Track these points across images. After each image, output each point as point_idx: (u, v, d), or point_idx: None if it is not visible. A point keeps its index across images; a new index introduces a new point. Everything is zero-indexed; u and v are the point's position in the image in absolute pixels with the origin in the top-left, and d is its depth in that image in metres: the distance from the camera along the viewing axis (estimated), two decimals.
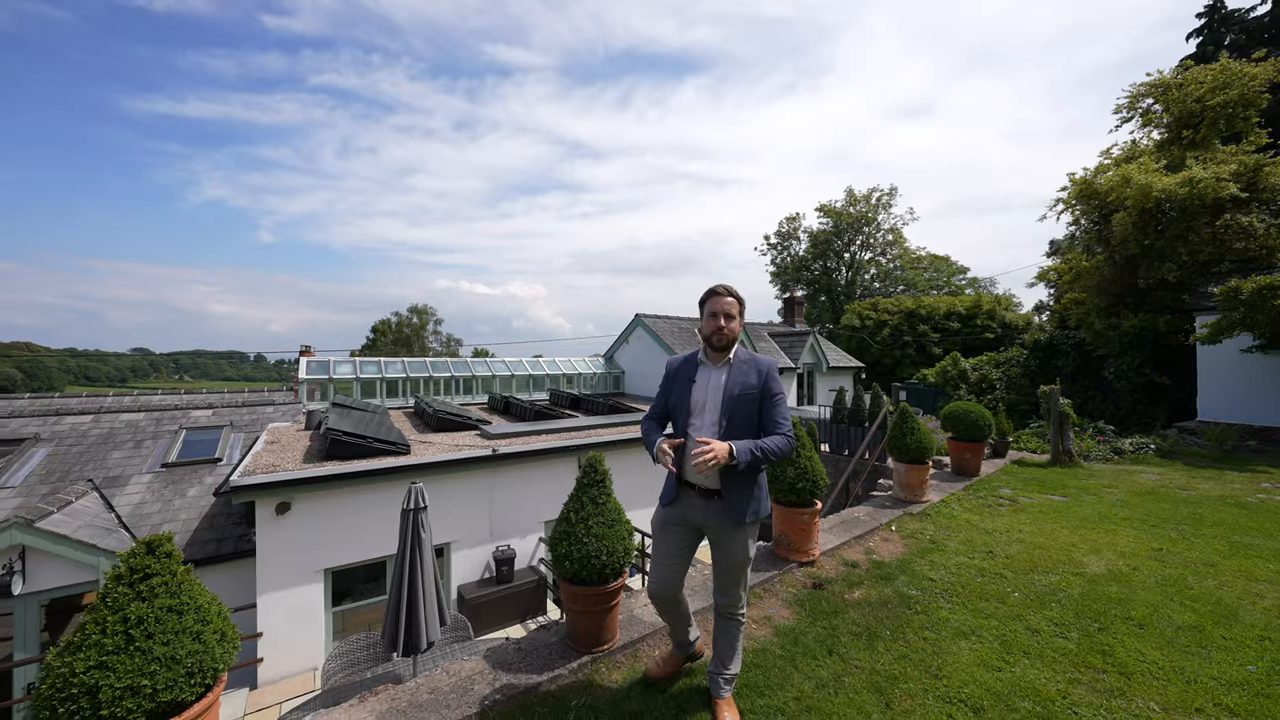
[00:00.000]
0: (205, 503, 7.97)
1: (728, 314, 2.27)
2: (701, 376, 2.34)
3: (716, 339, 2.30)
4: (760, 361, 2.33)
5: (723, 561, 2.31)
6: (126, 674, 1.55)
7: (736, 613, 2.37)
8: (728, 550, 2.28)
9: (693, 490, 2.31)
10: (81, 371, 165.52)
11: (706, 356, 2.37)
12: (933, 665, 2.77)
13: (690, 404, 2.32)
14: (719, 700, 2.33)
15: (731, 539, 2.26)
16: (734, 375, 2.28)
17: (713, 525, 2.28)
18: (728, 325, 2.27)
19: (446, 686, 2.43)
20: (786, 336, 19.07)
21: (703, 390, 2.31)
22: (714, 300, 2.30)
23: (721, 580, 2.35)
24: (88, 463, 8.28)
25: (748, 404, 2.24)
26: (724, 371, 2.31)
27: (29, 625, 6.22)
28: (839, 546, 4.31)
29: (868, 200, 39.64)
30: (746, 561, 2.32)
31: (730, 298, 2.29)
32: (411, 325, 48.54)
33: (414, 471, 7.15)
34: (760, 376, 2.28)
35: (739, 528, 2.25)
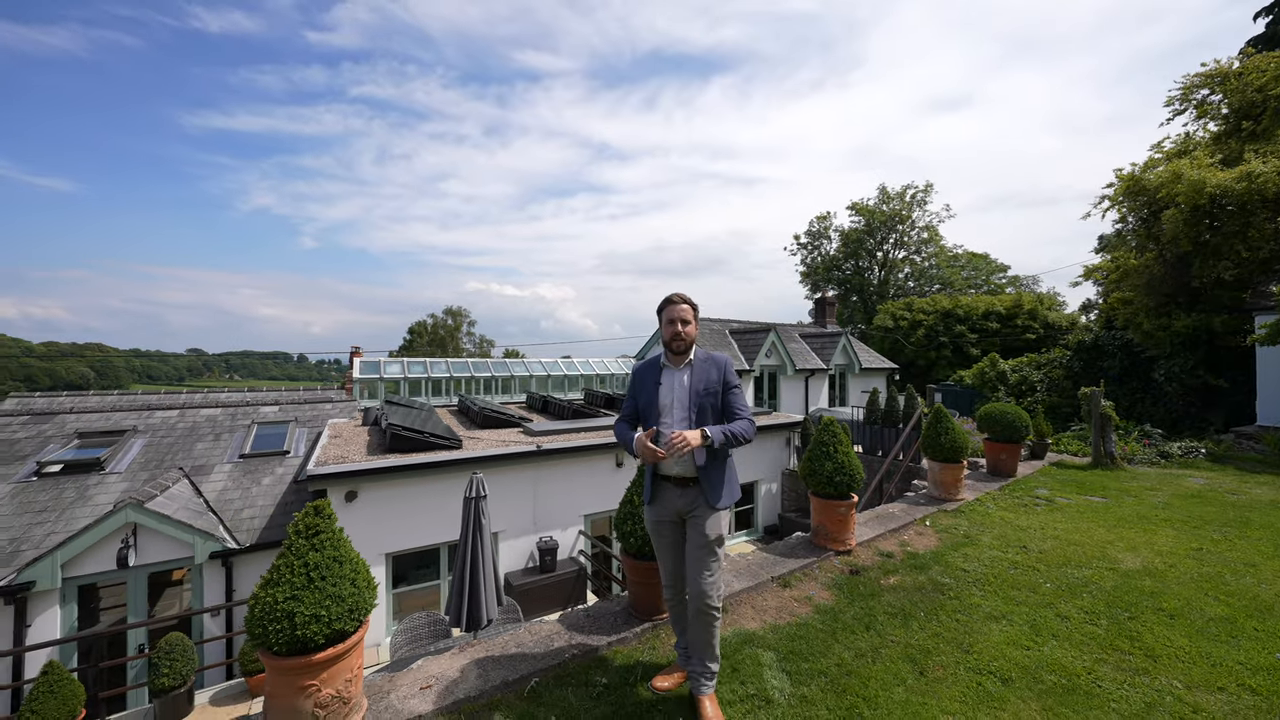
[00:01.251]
0: (278, 490, 8.72)
1: (683, 319, 2.45)
2: (666, 379, 2.49)
3: (676, 343, 2.47)
4: (717, 359, 2.50)
5: (694, 539, 2.39)
6: (311, 605, 1.99)
7: (709, 604, 2.35)
8: (699, 529, 2.37)
9: (670, 482, 2.46)
10: (144, 371, 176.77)
11: (668, 360, 2.53)
12: (964, 642, 3.01)
13: (659, 405, 2.47)
14: (700, 697, 2.36)
15: (705, 520, 2.38)
16: (696, 374, 2.45)
17: (690, 511, 2.41)
18: (684, 329, 2.45)
19: (530, 642, 2.83)
20: (818, 338, 19.04)
21: (669, 391, 2.47)
22: (670, 309, 2.47)
23: (692, 565, 2.38)
24: (177, 453, 9.18)
25: (712, 398, 2.43)
26: (686, 372, 2.47)
27: (139, 594, 7.03)
28: (874, 538, 4.54)
29: (901, 198, 38.85)
30: (719, 540, 2.40)
31: (685, 304, 2.47)
32: (446, 327, 50.21)
33: (465, 465, 7.68)
34: (719, 372, 2.47)
35: (714, 512, 2.39)
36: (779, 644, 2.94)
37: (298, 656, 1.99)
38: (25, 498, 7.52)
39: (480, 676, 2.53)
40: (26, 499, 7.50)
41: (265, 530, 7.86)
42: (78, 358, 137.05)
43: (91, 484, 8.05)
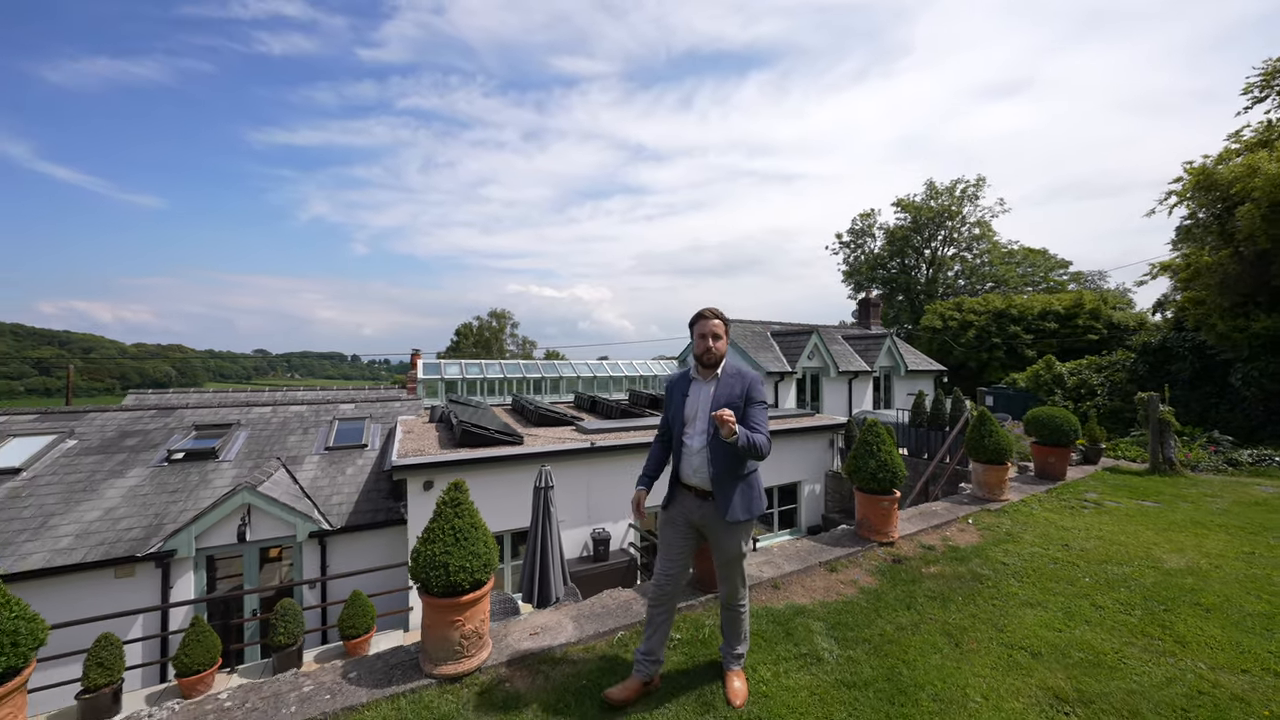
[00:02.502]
0: (360, 479, 9.73)
1: (715, 334, 2.52)
2: (693, 391, 2.59)
3: (706, 357, 2.54)
4: (745, 374, 2.55)
5: (718, 556, 2.57)
6: (459, 558, 2.60)
7: (737, 604, 2.59)
8: (720, 545, 2.53)
9: (689, 492, 2.57)
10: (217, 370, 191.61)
11: (698, 373, 2.61)
12: (998, 622, 3.33)
13: (684, 415, 2.58)
14: (729, 671, 2.63)
15: (724, 535, 2.49)
16: (721, 388, 2.52)
17: (708, 524, 2.52)
18: (715, 345, 2.52)
19: (613, 604, 3.38)
20: (862, 339, 18.91)
21: (694, 403, 2.57)
22: (702, 323, 2.55)
23: (720, 572, 2.59)
24: (274, 444, 10.37)
25: (733, 409, 2.44)
26: (713, 385, 2.54)
27: (252, 565, 8.12)
28: (917, 533, 4.84)
29: (951, 192, 37.50)
30: (739, 556, 2.53)
31: (716, 320, 2.54)
32: (491, 328, 52.26)
33: (526, 460, 8.38)
34: (744, 387, 2.51)
35: (731, 526, 2.47)
36: (827, 616, 3.36)
37: (450, 598, 2.60)
38: (161, 480, 8.79)
39: (576, 628, 3.09)
40: (162, 480, 8.77)
41: (352, 514, 8.83)
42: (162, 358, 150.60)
43: (209, 469, 9.28)
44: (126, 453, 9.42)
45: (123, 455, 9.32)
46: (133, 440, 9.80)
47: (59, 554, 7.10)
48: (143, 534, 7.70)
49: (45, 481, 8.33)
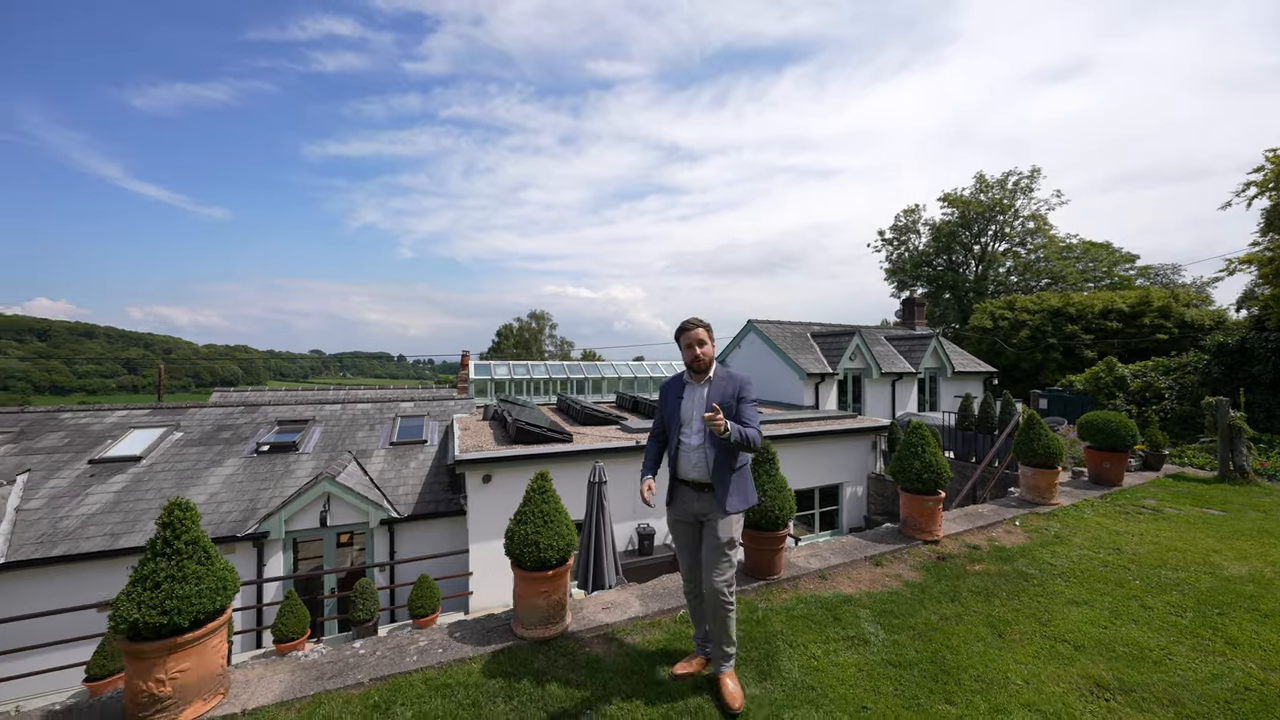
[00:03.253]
0: (422, 473, 10.50)
1: (700, 341, 2.71)
2: (687, 394, 2.79)
3: (695, 364, 2.74)
4: (735, 377, 2.75)
5: (708, 540, 2.66)
6: (547, 538, 3.02)
7: (722, 598, 2.61)
8: (713, 531, 2.64)
9: (687, 486, 2.72)
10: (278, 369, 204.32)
11: (690, 378, 2.82)
12: (1042, 617, 3.48)
13: (680, 417, 2.77)
14: (720, 675, 2.66)
15: (718, 522, 2.64)
16: (714, 390, 2.71)
17: (706, 513, 2.67)
18: (701, 351, 2.71)
19: (673, 586, 3.74)
20: (906, 340, 18.54)
21: (689, 405, 2.76)
22: (686, 334, 2.74)
23: (707, 564, 2.65)
24: (345, 438, 11.31)
25: (727, 410, 2.64)
26: (705, 388, 2.74)
27: (330, 548, 8.96)
28: (962, 533, 4.97)
29: (1002, 185, 35.87)
30: (730, 543, 2.64)
31: (699, 329, 2.73)
32: (530, 330, 53.73)
33: (576, 456, 8.86)
34: (735, 387, 2.71)
35: (726, 515, 2.63)
36: (872, 605, 3.60)
37: (540, 571, 3.02)
38: (252, 469, 9.80)
39: (642, 605, 3.47)
40: (253, 469, 9.78)
41: (417, 504, 9.57)
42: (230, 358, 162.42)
43: (291, 460, 10.25)
44: (222, 444, 10.53)
45: (220, 446, 10.43)
46: (226, 433, 10.93)
47: None
48: (240, 517, 8.65)
49: (161, 468, 9.46)
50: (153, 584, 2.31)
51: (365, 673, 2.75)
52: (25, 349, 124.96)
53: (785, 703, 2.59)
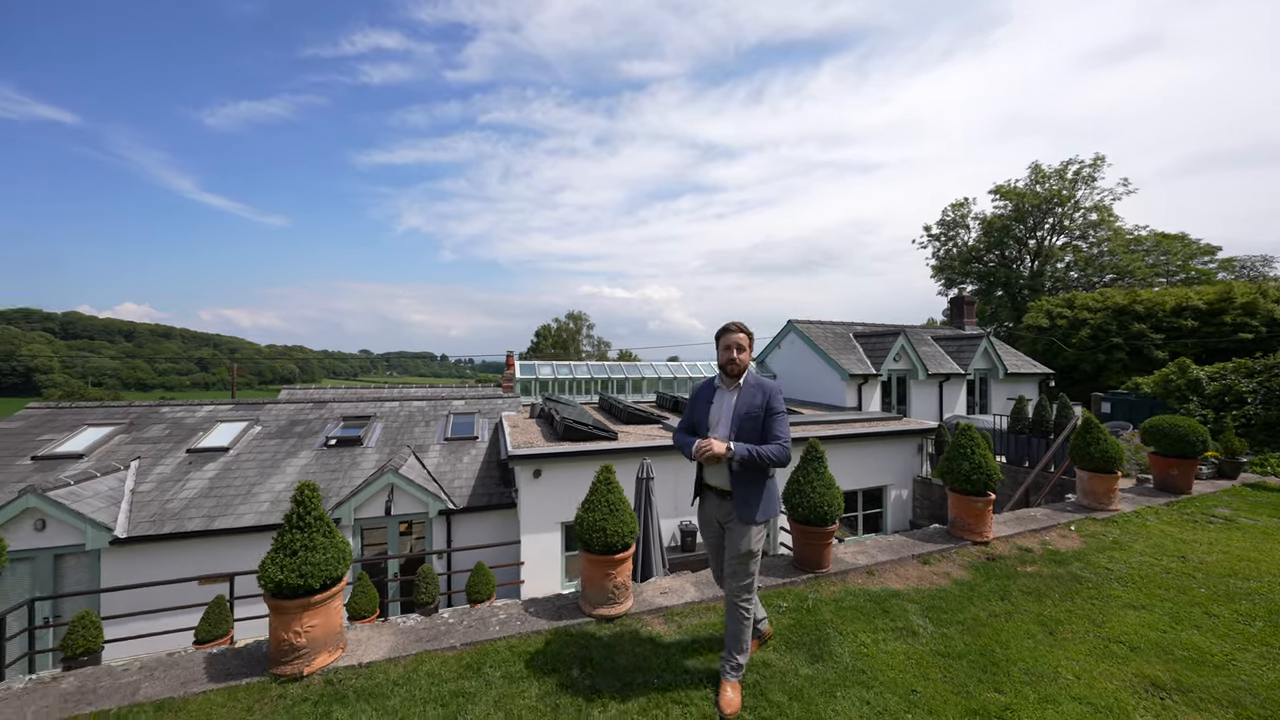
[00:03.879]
0: (474, 467, 11.09)
1: (739, 346, 2.70)
2: (717, 398, 2.78)
3: (730, 367, 2.72)
4: (765, 385, 2.73)
5: (729, 550, 2.70)
6: (613, 525, 3.32)
7: (738, 599, 2.66)
8: (733, 541, 2.67)
9: (712, 491, 2.79)
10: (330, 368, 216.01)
11: (721, 382, 2.82)
12: (1096, 618, 3.50)
13: (708, 420, 2.76)
14: (723, 681, 2.66)
15: (738, 532, 2.65)
16: (743, 397, 2.69)
17: (727, 521, 2.73)
18: (738, 356, 2.69)
19: None
20: (954, 340, 17.96)
21: (718, 409, 2.75)
22: (726, 336, 2.73)
23: (728, 571, 2.70)
24: (404, 434, 12.07)
25: (754, 420, 2.64)
26: (735, 394, 2.72)
27: (393, 535, 9.65)
28: (1013, 535, 4.95)
29: (1061, 175, 33.90)
30: (749, 554, 2.63)
31: (741, 334, 2.72)
32: (568, 330, 54.81)
33: (621, 454, 9.17)
34: (764, 397, 2.68)
35: (746, 525, 2.63)
36: (920, 600, 3.72)
37: (607, 555, 3.32)
38: (323, 460, 10.66)
39: (697, 591, 3.72)
40: (324, 461, 10.63)
41: (471, 497, 10.15)
42: (288, 357, 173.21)
43: (357, 453, 11.06)
44: (296, 438, 11.47)
45: (294, 439, 11.37)
46: (299, 428, 11.89)
47: (261, 515, 8.96)
48: None
49: (245, 458, 10.44)
50: (290, 551, 2.74)
51: (457, 638, 3.13)
52: (115, 349, 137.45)
53: (838, 682, 2.78)
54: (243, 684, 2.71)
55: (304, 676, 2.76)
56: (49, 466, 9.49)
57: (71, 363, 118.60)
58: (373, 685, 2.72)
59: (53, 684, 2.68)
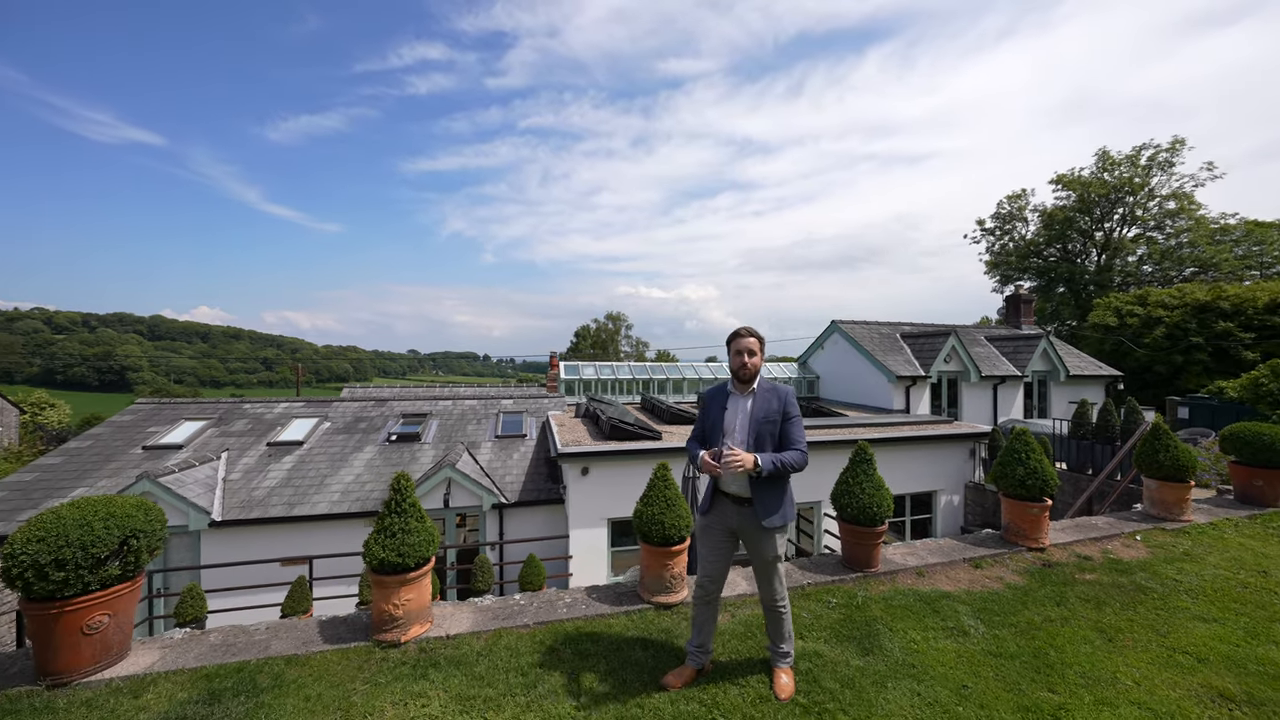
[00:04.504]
0: (524, 464, 11.60)
1: (750, 351, 2.68)
2: (731, 404, 2.75)
3: (742, 372, 2.71)
4: (779, 390, 2.72)
5: (755, 560, 2.74)
6: (670, 519, 3.55)
7: (776, 604, 2.75)
8: (758, 550, 2.70)
9: (727, 499, 2.74)
10: (381, 367, 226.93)
11: (734, 387, 2.79)
12: (1161, 629, 3.44)
13: (723, 427, 2.72)
14: (776, 669, 2.79)
15: (761, 540, 2.66)
16: (758, 402, 2.69)
17: (745, 529, 2.69)
18: (750, 360, 2.68)
19: None
20: (1010, 341, 17.17)
21: (733, 415, 2.72)
22: (738, 341, 2.72)
23: (759, 576, 2.76)
24: (457, 431, 12.76)
25: (771, 425, 2.64)
26: (749, 399, 2.72)
27: (450, 527, 10.27)
28: (1071, 543, 4.85)
29: (1133, 161, 31.53)
30: (776, 559, 2.69)
31: (752, 338, 2.71)
32: (607, 330, 55.54)
33: (667, 454, 9.39)
34: (780, 402, 2.68)
35: (767, 531, 2.63)
36: (972, 602, 3.75)
37: (665, 547, 3.56)
38: (386, 455, 11.44)
39: (749, 585, 3.90)
40: (387, 455, 11.41)
41: (522, 492, 10.64)
42: (343, 357, 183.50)
43: (416, 449, 11.80)
44: (360, 434, 12.34)
45: (359, 435, 12.24)
46: (363, 424, 12.78)
47: (333, 505, 9.75)
48: (380, 494, 10.17)
49: (317, 452, 11.35)
50: (390, 534, 3.13)
51: (529, 617, 3.45)
52: (193, 349, 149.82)
53: (888, 674, 2.91)
54: (351, 647, 3.11)
55: (401, 644, 3.14)
56: (155, 455, 10.65)
57: (157, 362, 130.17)
58: (460, 654, 3.07)
59: (203, 637, 3.18)
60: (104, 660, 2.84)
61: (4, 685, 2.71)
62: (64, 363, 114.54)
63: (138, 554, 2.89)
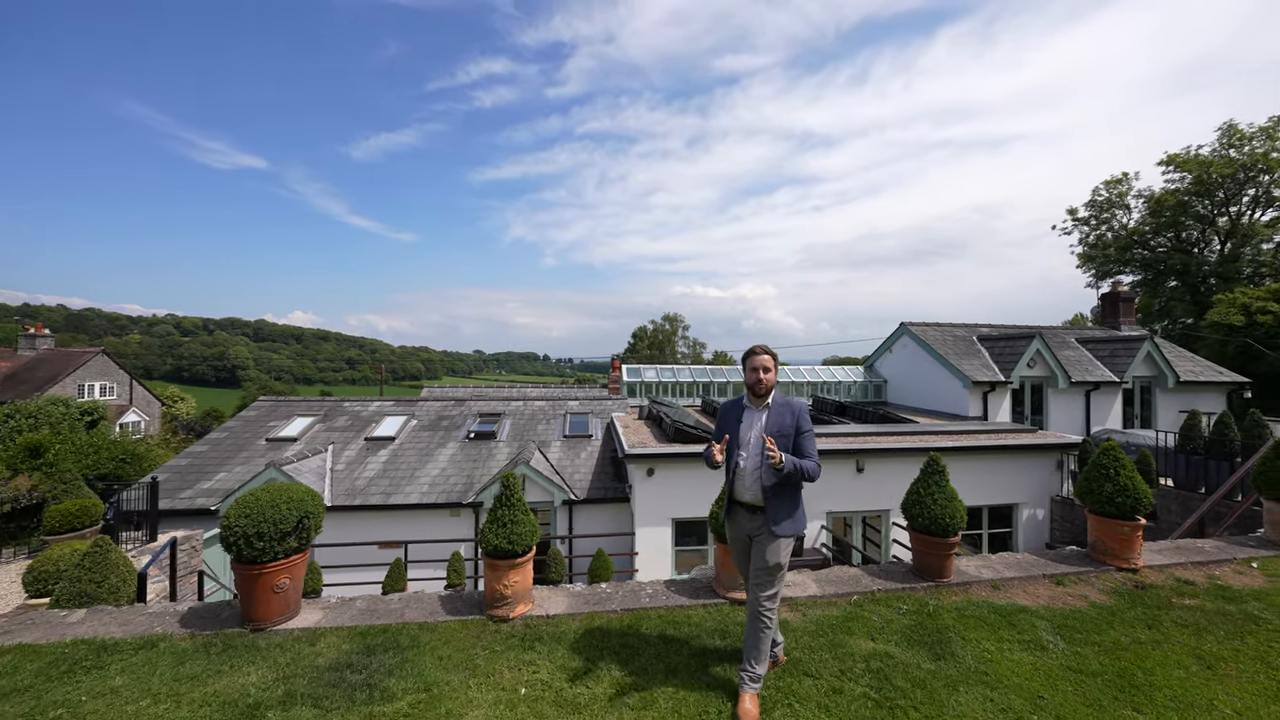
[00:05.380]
0: (590, 463, 12.20)
1: (765, 368, 2.87)
2: (747, 417, 2.94)
3: (758, 388, 2.89)
4: (793, 405, 2.90)
5: (756, 562, 2.85)
6: None
7: (763, 609, 2.76)
8: (761, 553, 2.81)
9: (742, 507, 2.93)
10: (449, 366, 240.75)
11: (750, 401, 2.99)
12: (1274, 661, 3.28)
13: (739, 438, 2.92)
14: (741, 692, 2.70)
15: (767, 546, 2.79)
16: (772, 416, 2.87)
17: (756, 534, 2.86)
18: (764, 377, 2.87)
19: (845, 578, 4.29)
20: (1106, 343, 15.76)
21: (749, 428, 2.91)
22: (753, 359, 2.91)
23: (753, 582, 2.86)
24: (528, 430, 13.60)
25: (784, 439, 2.80)
26: (764, 413, 2.89)
27: None
28: (1171, 565, 4.60)
29: (1269, 135, 27.55)
30: (778, 567, 2.79)
31: (766, 355, 2.89)
32: (664, 331, 55.96)
33: None
34: (793, 417, 2.85)
35: (775, 539, 2.78)
36: (1051, 618, 3.73)
37: None
38: (466, 451, 12.44)
39: (819, 587, 4.10)
40: (467, 452, 12.40)
41: (590, 489, 11.23)
42: (415, 357, 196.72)
43: (492, 446, 12.72)
44: (443, 431, 13.47)
45: (442, 432, 13.37)
46: (445, 422, 13.93)
47: (423, 495, 10.79)
48: (462, 488, 11.11)
49: (407, 447, 12.55)
50: (502, 524, 3.63)
51: (616, 604, 3.85)
52: (289, 350, 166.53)
53: (960, 679, 3.03)
54: (469, 619, 3.65)
55: (510, 619, 3.64)
56: (276, 446, 12.24)
57: (261, 361, 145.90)
58: (559, 631, 3.52)
59: (352, 603, 3.85)
60: (285, 614, 3.55)
61: (222, 626, 3.48)
62: (189, 361, 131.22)
63: (308, 531, 3.57)
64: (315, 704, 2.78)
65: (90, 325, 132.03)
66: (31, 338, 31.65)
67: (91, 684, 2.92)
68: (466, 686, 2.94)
